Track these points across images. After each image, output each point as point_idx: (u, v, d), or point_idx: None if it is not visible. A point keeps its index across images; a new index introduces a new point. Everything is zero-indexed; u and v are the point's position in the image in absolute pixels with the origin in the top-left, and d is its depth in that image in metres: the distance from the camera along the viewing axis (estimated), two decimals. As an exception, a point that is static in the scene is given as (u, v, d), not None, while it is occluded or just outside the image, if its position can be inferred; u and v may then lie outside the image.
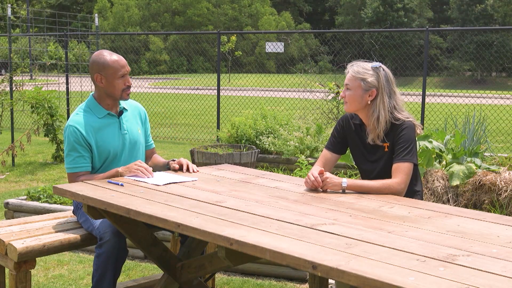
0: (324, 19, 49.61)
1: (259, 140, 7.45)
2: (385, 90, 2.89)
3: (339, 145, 3.10)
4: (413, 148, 2.86)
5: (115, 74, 3.09)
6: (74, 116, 3.12)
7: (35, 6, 43.35)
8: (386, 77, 2.91)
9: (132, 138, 3.25)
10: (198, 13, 40.44)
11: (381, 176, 2.88)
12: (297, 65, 24.12)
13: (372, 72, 2.89)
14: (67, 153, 3.10)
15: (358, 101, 2.90)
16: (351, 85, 2.91)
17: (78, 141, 3.06)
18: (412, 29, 12.41)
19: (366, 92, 2.89)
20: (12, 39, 24.06)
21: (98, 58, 3.11)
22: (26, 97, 8.00)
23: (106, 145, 3.13)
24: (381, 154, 2.94)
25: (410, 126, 2.89)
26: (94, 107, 3.17)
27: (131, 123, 3.28)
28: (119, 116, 3.22)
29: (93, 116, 3.14)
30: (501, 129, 10.32)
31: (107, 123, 3.17)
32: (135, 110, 3.36)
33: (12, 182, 7.05)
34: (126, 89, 3.15)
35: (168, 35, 37.29)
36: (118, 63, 3.10)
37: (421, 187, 3.04)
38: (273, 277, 4.00)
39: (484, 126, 6.55)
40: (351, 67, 2.95)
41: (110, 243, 2.83)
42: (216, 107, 9.87)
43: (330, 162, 3.10)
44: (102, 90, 3.15)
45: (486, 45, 31.92)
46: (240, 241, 1.99)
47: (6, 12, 25.88)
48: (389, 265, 1.74)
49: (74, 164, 3.08)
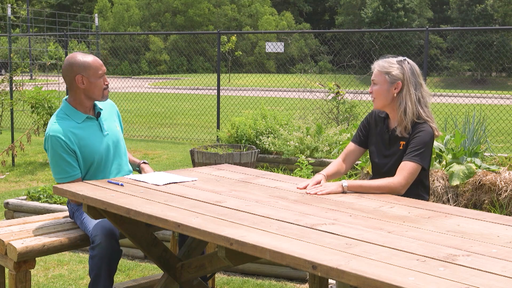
0: (324, 19, 49.61)
1: (259, 140, 7.45)
2: (411, 82, 2.92)
3: (364, 139, 3.13)
4: (425, 151, 2.85)
5: (96, 73, 3.08)
6: (53, 125, 3.02)
7: (35, 6, 43.34)
8: (411, 70, 2.94)
9: (114, 137, 3.23)
10: (199, 13, 40.45)
11: (391, 172, 2.90)
12: (297, 65, 24.10)
13: (397, 66, 2.92)
14: (54, 164, 3.01)
15: (384, 94, 2.93)
16: (377, 79, 2.95)
17: (64, 150, 2.99)
18: (412, 29, 12.40)
19: (392, 85, 2.91)
20: (12, 39, 24.06)
21: (76, 60, 3.07)
22: (26, 97, 7.99)
23: (90, 150, 3.08)
24: (395, 150, 2.96)
25: (427, 129, 2.89)
26: (71, 112, 3.10)
27: (109, 122, 3.26)
28: (97, 118, 3.19)
29: (72, 122, 3.07)
30: (501, 129, 10.32)
31: (88, 127, 3.12)
32: (109, 108, 3.33)
33: (12, 182, 7.05)
34: (106, 88, 3.15)
35: (168, 35, 37.28)
36: (98, 62, 3.11)
37: (427, 193, 3.01)
38: (273, 277, 3.99)
39: (484, 126, 6.55)
40: (377, 62, 2.99)
41: (102, 246, 2.82)
42: (216, 107, 9.87)
43: (352, 154, 3.13)
44: (81, 93, 3.09)
45: (486, 45, 31.91)
46: (240, 241, 1.99)
47: (6, 12, 25.87)
48: (389, 265, 1.75)
49: (65, 174, 3.02)
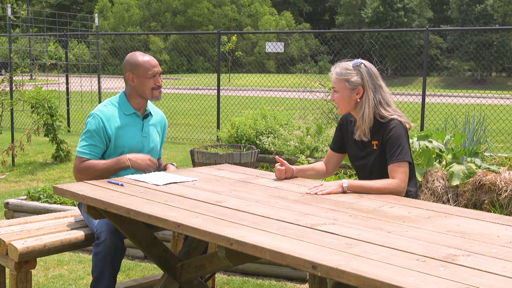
0: (324, 19, 49.61)
1: (259, 140, 7.45)
2: (369, 86, 2.92)
3: (338, 144, 3.18)
4: (404, 146, 2.87)
5: (146, 73, 3.20)
6: (102, 107, 3.22)
7: (35, 6, 43.34)
8: (369, 73, 2.93)
9: (150, 143, 3.32)
10: (199, 13, 40.44)
11: (373, 173, 2.93)
12: (297, 65, 24.09)
13: (355, 71, 2.92)
14: (83, 137, 3.17)
15: (347, 101, 2.96)
16: (337, 87, 2.97)
17: (98, 132, 3.14)
18: (412, 29, 12.39)
19: (353, 91, 2.93)
20: (12, 39, 24.03)
21: (130, 58, 3.26)
22: (26, 97, 7.99)
23: (124, 142, 3.20)
24: (369, 151, 2.98)
25: (397, 125, 2.90)
26: (123, 103, 3.26)
27: (153, 129, 3.36)
28: (143, 118, 3.30)
29: (120, 112, 3.23)
30: (501, 129, 10.32)
31: (131, 122, 3.25)
32: (159, 118, 3.45)
33: (12, 182, 7.05)
34: (156, 89, 3.24)
35: (168, 35, 37.28)
36: (149, 63, 3.22)
37: (415, 186, 3.03)
38: (273, 277, 4.00)
39: (484, 126, 6.55)
40: (334, 69, 2.99)
41: (106, 243, 2.85)
42: (216, 107, 9.87)
43: (332, 160, 3.21)
44: (133, 89, 3.25)
45: (486, 45, 31.91)
46: (240, 241, 1.99)
47: (6, 12, 25.85)
48: (389, 265, 1.75)
49: (86, 150, 3.15)
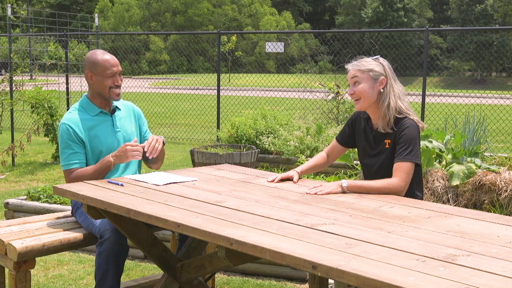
0: (324, 19, 49.61)
1: (259, 140, 7.45)
2: (392, 76, 2.93)
3: (347, 139, 3.16)
4: (414, 147, 2.85)
5: (104, 72, 3.17)
6: (67, 115, 3.21)
7: (35, 6, 43.34)
8: (388, 65, 2.96)
9: (125, 136, 3.30)
10: (199, 13, 40.43)
11: (380, 172, 2.91)
12: (297, 65, 24.11)
13: (375, 63, 2.92)
14: (61, 150, 3.18)
15: (370, 92, 2.89)
16: (360, 77, 2.90)
17: (71, 138, 3.14)
18: (412, 29, 12.38)
19: (376, 81, 2.89)
20: (12, 39, 24.05)
21: (90, 56, 3.23)
22: (26, 97, 8.00)
23: (99, 142, 3.19)
24: (381, 149, 2.96)
25: (411, 125, 2.89)
26: (87, 105, 3.26)
27: (124, 121, 3.34)
28: (112, 114, 3.28)
29: (86, 114, 3.22)
30: (501, 129, 10.32)
31: (100, 121, 3.24)
32: (128, 109, 3.42)
33: (12, 182, 7.05)
34: (114, 88, 3.20)
35: (168, 35, 37.28)
36: (109, 62, 3.18)
37: (421, 191, 3.01)
38: (273, 277, 3.99)
39: (484, 126, 6.54)
40: (352, 64, 2.97)
41: (110, 240, 2.84)
42: (216, 107, 9.87)
43: (335, 150, 3.21)
44: (93, 88, 3.24)
45: (486, 45, 31.91)
46: (240, 241, 1.99)
47: (6, 12, 25.86)
48: (389, 265, 1.74)
49: (69, 161, 3.15)
